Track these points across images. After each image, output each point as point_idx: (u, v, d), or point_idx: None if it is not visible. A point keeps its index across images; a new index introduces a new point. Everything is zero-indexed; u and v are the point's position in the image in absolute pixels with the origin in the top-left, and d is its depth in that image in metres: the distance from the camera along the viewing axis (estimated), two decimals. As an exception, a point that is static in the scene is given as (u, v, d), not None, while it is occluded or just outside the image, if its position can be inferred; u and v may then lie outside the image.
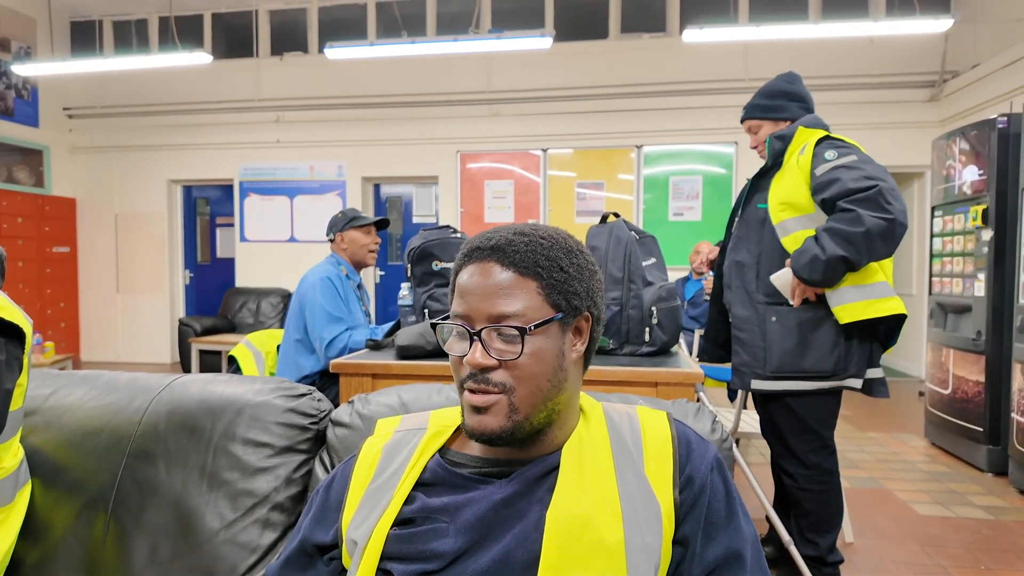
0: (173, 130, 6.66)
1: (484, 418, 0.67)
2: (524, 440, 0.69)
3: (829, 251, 1.71)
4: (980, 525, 2.57)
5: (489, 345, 0.67)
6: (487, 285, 0.68)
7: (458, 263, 0.72)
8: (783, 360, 1.88)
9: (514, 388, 0.66)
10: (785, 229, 1.89)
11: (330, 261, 2.48)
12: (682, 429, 0.73)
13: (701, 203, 5.82)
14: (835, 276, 1.76)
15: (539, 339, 0.67)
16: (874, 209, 1.68)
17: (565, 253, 0.71)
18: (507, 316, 0.66)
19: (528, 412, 0.67)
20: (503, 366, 0.66)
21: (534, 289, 0.68)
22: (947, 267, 3.57)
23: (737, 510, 0.69)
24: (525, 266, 0.68)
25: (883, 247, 1.72)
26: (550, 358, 0.68)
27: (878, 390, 1.91)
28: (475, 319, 0.68)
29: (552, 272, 0.68)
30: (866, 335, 1.87)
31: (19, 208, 6.17)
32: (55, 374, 1.26)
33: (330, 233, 2.53)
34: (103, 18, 6.78)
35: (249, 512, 1.03)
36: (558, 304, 0.69)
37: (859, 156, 1.78)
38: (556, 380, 0.69)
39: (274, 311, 5.94)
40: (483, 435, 0.67)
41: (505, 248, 0.68)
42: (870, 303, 1.79)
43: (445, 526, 0.67)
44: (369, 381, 1.66)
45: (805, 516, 1.93)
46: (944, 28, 4.42)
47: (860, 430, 4.04)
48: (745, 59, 5.70)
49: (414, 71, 6.15)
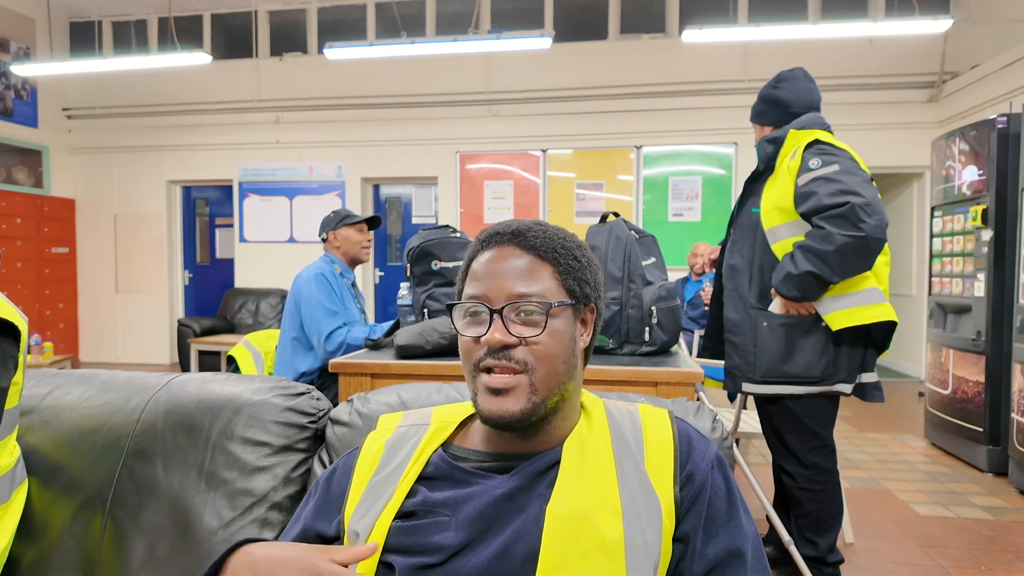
0: (172, 130, 6.65)
1: (504, 400, 0.67)
2: (535, 425, 0.69)
3: (801, 267, 1.74)
4: (980, 525, 2.57)
5: (510, 323, 0.68)
6: (507, 267, 0.70)
7: (474, 250, 0.74)
8: (772, 365, 1.89)
9: (535, 368, 0.67)
10: (776, 235, 1.90)
11: (324, 260, 2.48)
12: (683, 426, 0.73)
13: (701, 204, 5.82)
14: (812, 291, 1.78)
15: (558, 321, 0.69)
16: (845, 227, 1.68)
17: (577, 246, 0.74)
18: (527, 295, 0.68)
19: (545, 394, 0.68)
20: (524, 344, 0.68)
21: (551, 273, 0.71)
22: (947, 267, 3.57)
23: (738, 507, 0.68)
24: (544, 251, 0.71)
25: (857, 263, 1.73)
26: (566, 341, 0.70)
27: (872, 395, 1.91)
28: (494, 299, 0.69)
29: (568, 259, 0.72)
30: (858, 341, 1.86)
31: (18, 209, 6.16)
32: (52, 373, 1.25)
33: (323, 233, 2.53)
34: (102, 18, 6.78)
35: (247, 511, 1.02)
36: (573, 290, 0.71)
37: (842, 165, 1.75)
38: (570, 364, 0.71)
39: (273, 311, 5.92)
40: (502, 418, 0.67)
41: (525, 233, 0.71)
42: (857, 310, 1.80)
43: (447, 519, 0.67)
44: (368, 381, 1.65)
45: (805, 516, 1.93)
46: (943, 29, 4.42)
47: (860, 430, 4.04)
48: (744, 60, 5.70)
49: (413, 72, 6.15)
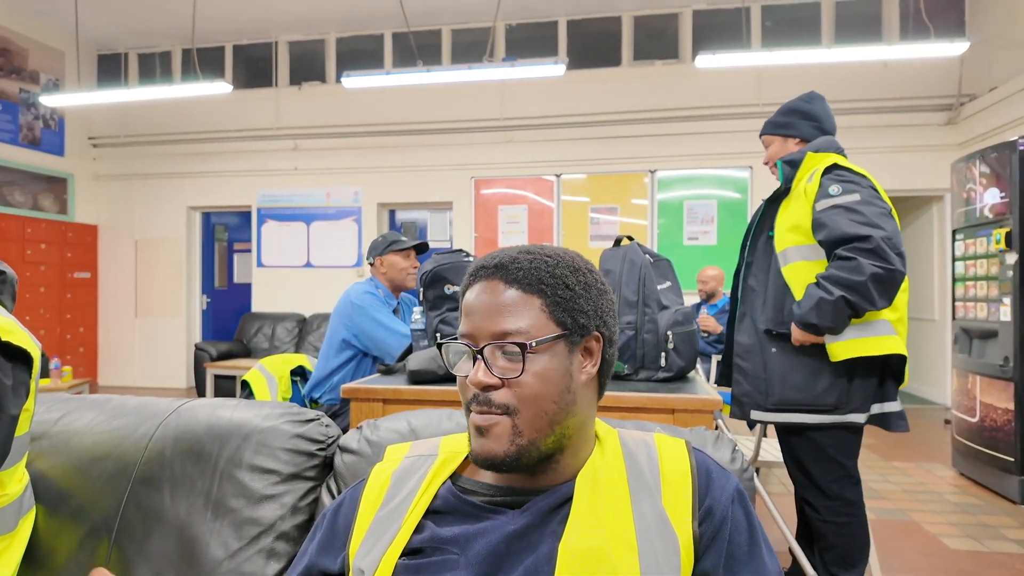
0: (193, 158, 6.80)
1: (487, 441, 0.65)
2: (533, 466, 0.66)
3: (836, 294, 1.69)
4: (1015, 560, 2.46)
5: (492, 363, 0.65)
6: (491, 303, 0.67)
7: (464, 284, 0.71)
8: (784, 392, 1.85)
9: (517, 409, 0.64)
10: (786, 258, 1.87)
11: (368, 284, 2.50)
12: (701, 458, 0.70)
13: (716, 227, 5.79)
14: (842, 321, 1.73)
15: (543, 358, 0.65)
16: (874, 259, 1.66)
17: (571, 271, 0.69)
18: (509, 333, 0.65)
19: (533, 436, 0.64)
20: (506, 385, 0.65)
21: (538, 306, 0.67)
22: (971, 291, 3.49)
23: (760, 543, 0.65)
24: (528, 283, 0.67)
25: (885, 295, 1.70)
26: (555, 378, 0.66)
27: (896, 424, 1.84)
28: (479, 337, 0.66)
29: (557, 289, 0.67)
30: (872, 370, 1.81)
31: (43, 235, 6.30)
32: (65, 398, 1.25)
33: (370, 257, 2.55)
34: (128, 51, 6.99)
35: (254, 541, 1.00)
36: (563, 322, 0.67)
37: (863, 195, 1.73)
38: (563, 402, 0.66)
39: (289, 336, 5.95)
40: (486, 460, 0.65)
41: (509, 266, 0.68)
42: (865, 340, 1.76)
43: (456, 558, 0.64)
44: (380, 406, 1.63)
45: (830, 550, 1.86)
46: (959, 52, 4.39)
47: (885, 459, 3.92)
48: (758, 84, 5.71)
49: (429, 99, 6.25)
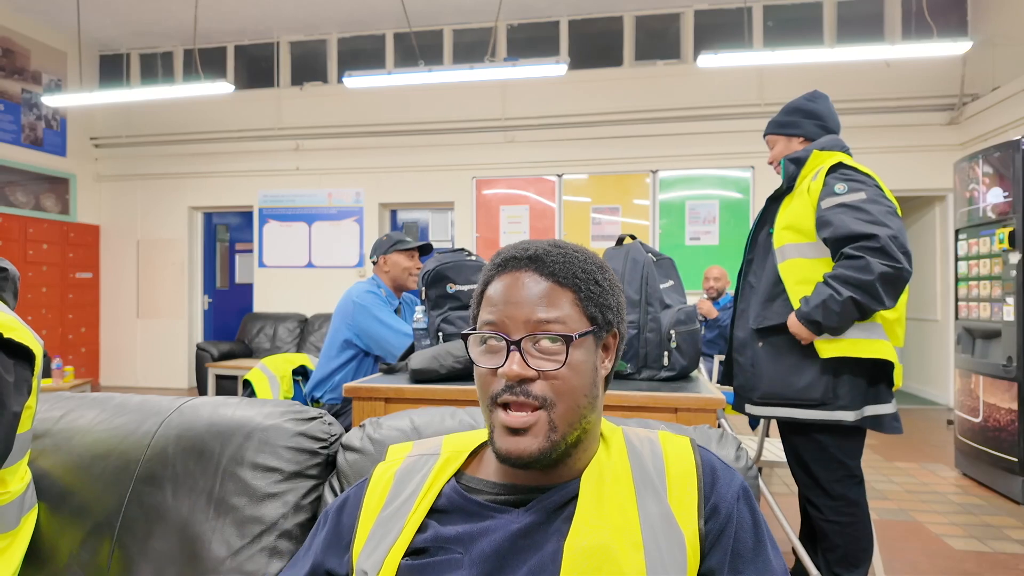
0: (195, 158, 6.80)
1: (522, 440, 0.63)
2: (555, 462, 0.65)
3: (844, 294, 1.68)
4: (1018, 560, 2.45)
5: (528, 355, 0.64)
6: (526, 294, 0.65)
7: (489, 273, 0.70)
8: (771, 386, 1.85)
9: (554, 403, 0.63)
10: (783, 255, 1.87)
11: (371, 283, 2.49)
12: (706, 455, 0.70)
13: (718, 227, 5.78)
14: (846, 322, 1.73)
15: (579, 351, 0.65)
16: (882, 257, 1.66)
17: (598, 268, 0.70)
18: (550, 323, 0.64)
19: (565, 431, 0.64)
20: (543, 377, 0.64)
21: (571, 300, 0.66)
22: (973, 291, 3.48)
23: (765, 542, 0.65)
24: (564, 276, 0.66)
25: (892, 294, 1.70)
26: (587, 372, 0.66)
27: (890, 426, 1.83)
28: (512, 328, 0.65)
29: (589, 284, 0.67)
30: (861, 371, 1.80)
31: (45, 235, 6.31)
32: (67, 396, 1.25)
33: (374, 255, 2.54)
34: (130, 51, 7.00)
35: (256, 539, 1.00)
36: (594, 317, 0.67)
37: (868, 194, 1.73)
38: (591, 396, 0.66)
39: (291, 336, 5.95)
40: (520, 458, 0.63)
41: (543, 258, 0.67)
42: (855, 342, 1.75)
43: (460, 557, 0.64)
44: (382, 405, 1.63)
45: (832, 550, 1.85)
46: (961, 51, 4.38)
47: (887, 460, 3.91)
48: (760, 84, 5.71)
49: (431, 99, 6.24)
